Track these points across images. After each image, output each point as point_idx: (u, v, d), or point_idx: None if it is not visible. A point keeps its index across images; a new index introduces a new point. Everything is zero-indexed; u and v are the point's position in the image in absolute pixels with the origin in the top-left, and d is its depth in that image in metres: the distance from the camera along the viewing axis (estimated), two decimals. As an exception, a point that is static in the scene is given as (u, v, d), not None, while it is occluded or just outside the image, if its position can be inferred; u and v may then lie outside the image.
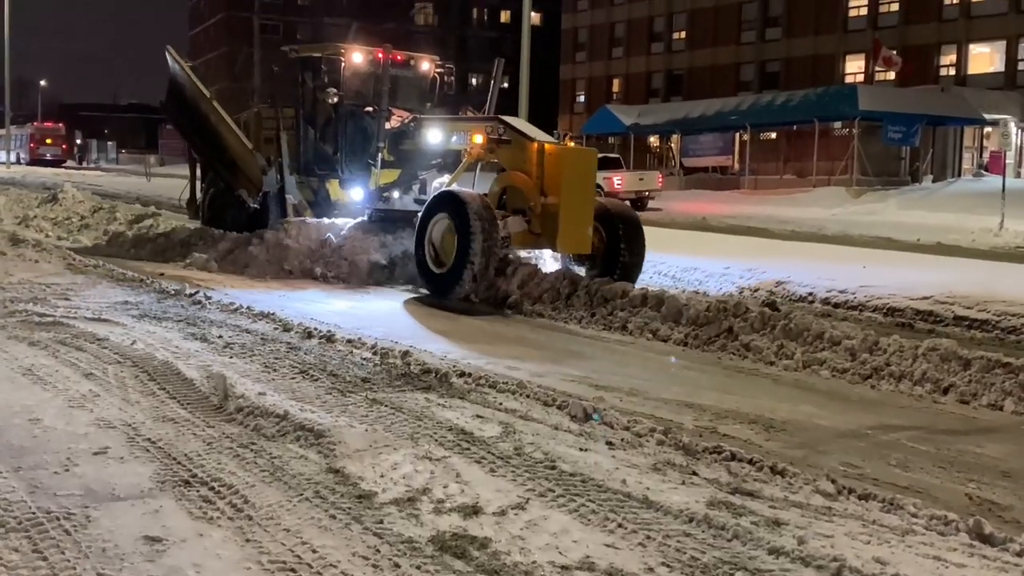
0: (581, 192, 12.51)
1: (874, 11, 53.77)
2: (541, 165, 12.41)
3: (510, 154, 12.96)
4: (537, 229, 12.53)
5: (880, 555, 4.27)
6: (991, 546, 4.48)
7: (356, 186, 15.33)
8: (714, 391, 7.79)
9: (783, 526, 4.63)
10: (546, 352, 9.20)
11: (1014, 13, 47.52)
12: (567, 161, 12.46)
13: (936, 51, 50.83)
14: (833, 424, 6.87)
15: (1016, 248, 21.25)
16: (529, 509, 4.76)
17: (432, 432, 6.02)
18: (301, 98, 15.82)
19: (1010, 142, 33.85)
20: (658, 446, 5.97)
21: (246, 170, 15.72)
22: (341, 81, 15.41)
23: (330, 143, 15.67)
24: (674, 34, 66.09)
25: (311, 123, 15.87)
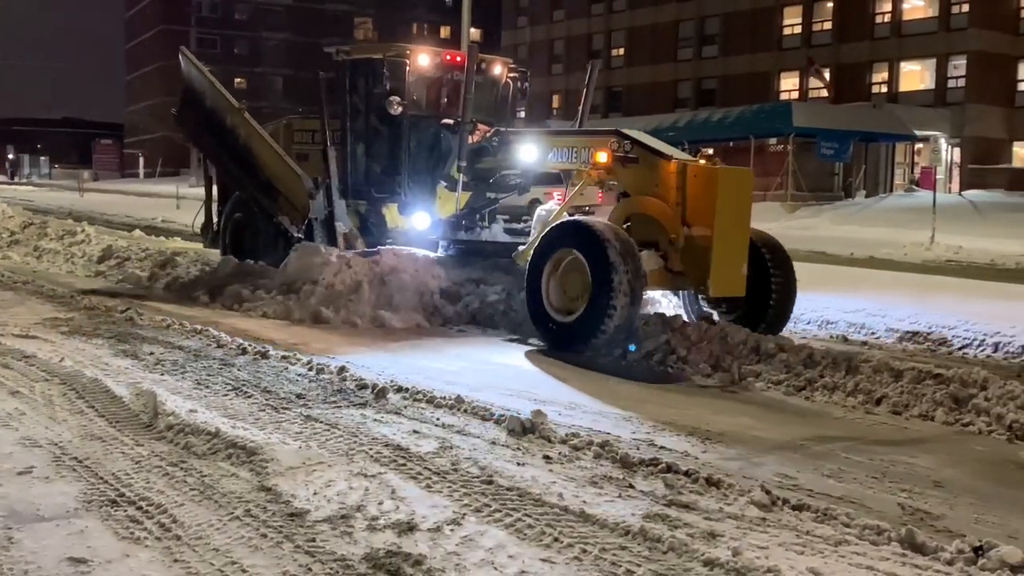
0: (737, 222, 10.12)
1: (808, 30, 54.66)
2: (682, 189, 10.09)
3: (637, 175, 10.61)
4: (677, 266, 10.24)
5: (814, 565, 4.28)
6: (922, 555, 4.51)
7: (420, 211, 13.00)
8: (652, 404, 7.80)
9: (718, 537, 4.64)
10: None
11: (944, 32, 48.60)
12: (722, 185, 9.97)
13: (868, 69, 51.79)
14: (769, 435, 6.91)
15: (947, 262, 21.66)
16: (465, 525, 4.71)
17: (367, 448, 5.95)
18: (349, 108, 13.40)
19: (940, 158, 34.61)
20: (595, 459, 5.96)
21: (288, 194, 13.38)
22: (405, 88, 13.00)
23: (388, 161, 13.27)
24: (613, 51, 66.56)
25: (362, 137, 13.50)
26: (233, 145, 13.96)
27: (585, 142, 11.34)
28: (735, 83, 56.52)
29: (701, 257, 9.96)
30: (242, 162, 13.91)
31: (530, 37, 72.95)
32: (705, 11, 60.03)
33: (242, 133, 13.86)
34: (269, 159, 13.60)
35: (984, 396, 7.58)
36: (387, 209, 13.34)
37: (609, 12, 66.82)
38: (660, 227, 10.26)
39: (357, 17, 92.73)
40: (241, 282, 12.63)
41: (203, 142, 15.21)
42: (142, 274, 14.49)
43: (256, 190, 13.84)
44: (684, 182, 10.08)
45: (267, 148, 13.64)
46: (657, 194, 10.32)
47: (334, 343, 9.88)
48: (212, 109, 14.24)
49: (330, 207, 12.98)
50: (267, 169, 13.59)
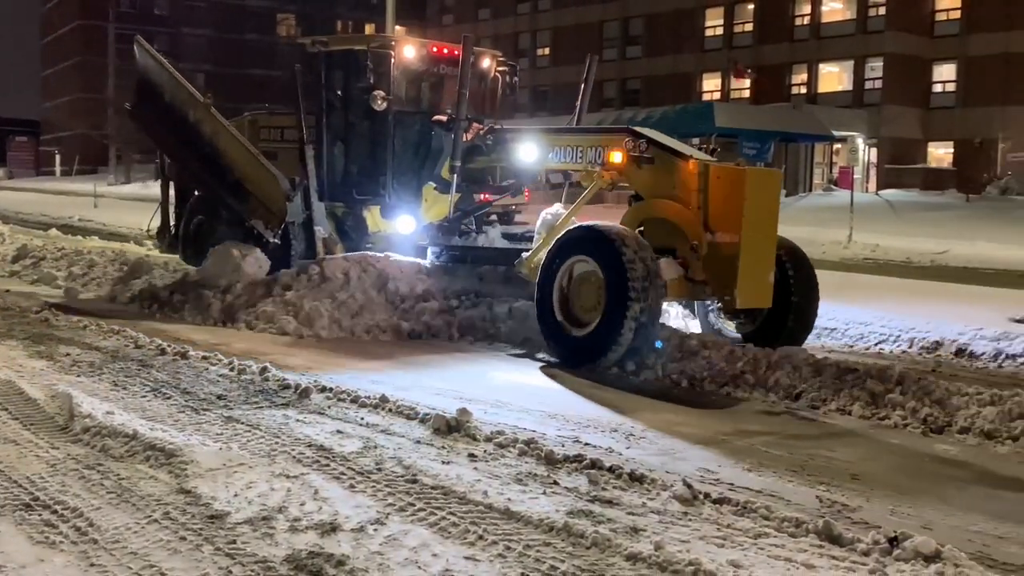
0: (765, 228, 9.37)
1: (729, 31, 55.40)
2: (704, 192, 9.35)
3: (652, 177, 9.87)
4: (698, 275, 9.46)
5: (734, 558, 4.34)
6: (839, 546, 4.60)
7: (405, 215, 12.29)
8: (578, 401, 7.83)
9: (641, 532, 4.68)
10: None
11: (861, 34, 49.61)
12: (750, 187, 9.19)
13: (788, 70, 52.66)
14: (691, 431, 6.98)
15: (864, 259, 22.13)
16: (389, 524, 4.69)
17: (290, 449, 5.89)
18: (326, 103, 12.56)
19: (858, 158, 35.37)
20: (520, 457, 5.97)
21: (261, 196, 12.31)
22: (390, 81, 12.12)
23: (371, 160, 12.43)
24: (538, 51, 66.78)
25: (340, 135, 12.63)
26: (197, 143, 12.89)
27: (594, 141, 10.56)
28: (659, 83, 57.08)
29: (725, 265, 9.19)
30: (208, 161, 12.83)
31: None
32: (629, 12, 60.54)
33: (207, 130, 12.80)
34: (239, 158, 12.59)
35: (900, 391, 7.76)
36: (368, 212, 12.54)
37: (535, 12, 67.05)
38: (679, 233, 9.47)
39: (279, 13, 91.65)
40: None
41: (162, 139, 14.13)
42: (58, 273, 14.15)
43: (225, 192, 12.77)
44: (706, 184, 9.33)
45: (236, 146, 12.64)
46: (675, 197, 9.58)
47: (256, 343, 9.75)
48: (172, 103, 13.13)
49: (308, 210, 12.06)
50: (237, 169, 12.57)
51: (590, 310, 9.23)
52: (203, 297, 11.25)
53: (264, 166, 12.27)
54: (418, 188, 12.24)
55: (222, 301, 11.04)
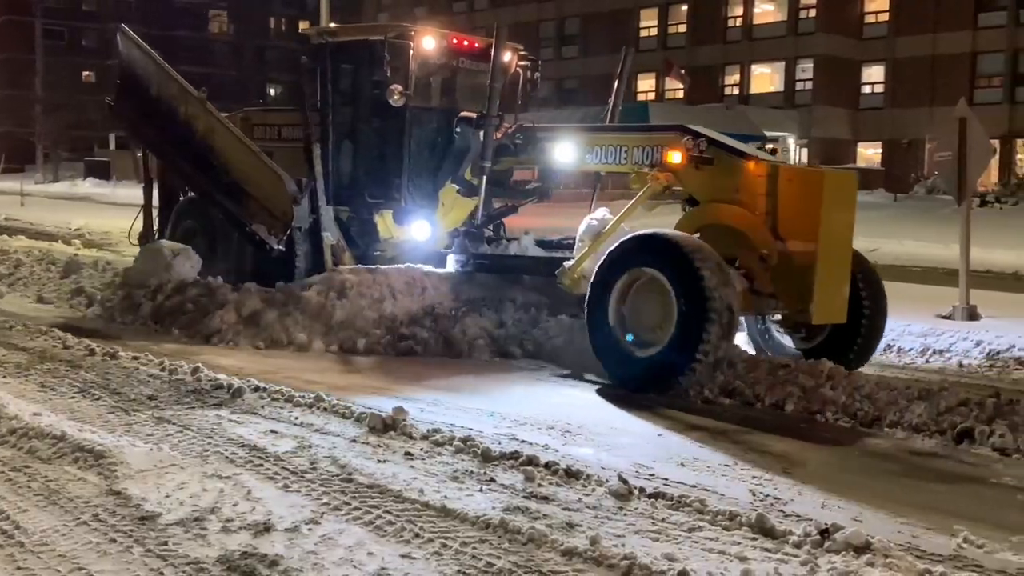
0: (841, 236, 8.60)
1: (663, 32, 55.88)
2: (773, 196, 8.58)
3: (711, 179, 9.03)
4: (766, 288, 8.61)
5: (669, 551, 4.38)
6: (772, 539, 4.66)
7: (421, 220, 11.35)
8: (515, 399, 7.83)
9: (576, 528, 4.70)
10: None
11: (792, 36, 50.35)
12: (828, 191, 8.44)
13: (721, 71, 53.29)
14: (627, 428, 7.03)
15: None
16: (324, 524, 4.65)
17: (222, 449, 5.82)
18: (332, 98, 11.49)
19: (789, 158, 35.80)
20: (457, 454, 5.96)
21: (263, 198, 11.16)
22: (408, 75, 11.01)
23: (385, 160, 11.41)
24: (474, 49, 66.73)
25: (348, 133, 11.59)
26: (188, 141, 11.74)
27: (644, 140, 9.67)
28: (595, 83, 57.28)
29: (799, 277, 8.38)
30: (201, 161, 11.65)
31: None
32: (564, 12, 60.77)
33: (200, 126, 11.68)
34: (237, 157, 11.41)
35: (831, 386, 7.88)
36: (380, 217, 11.56)
37: (471, 10, 66.98)
38: (743, 241, 8.63)
39: (212, 10, 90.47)
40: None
41: (148, 137, 12.81)
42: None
43: (221, 194, 11.55)
44: (775, 188, 8.55)
45: (235, 144, 11.48)
46: (737, 201, 8.77)
47: (187, 342, 9.62)
48: (159, 98, 12.03)
49: (315, 214, 11.02)
50: (235, 169, 11.38)
51: (654, 328, 8.32)
52: (132, 297, 11.04)
53: (268, 166, 11.15)
54: (434, 191, 11.33)
55: (153, 301, 10.85)
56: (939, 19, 46.28)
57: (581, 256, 9.43)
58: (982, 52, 46.18)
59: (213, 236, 12.13)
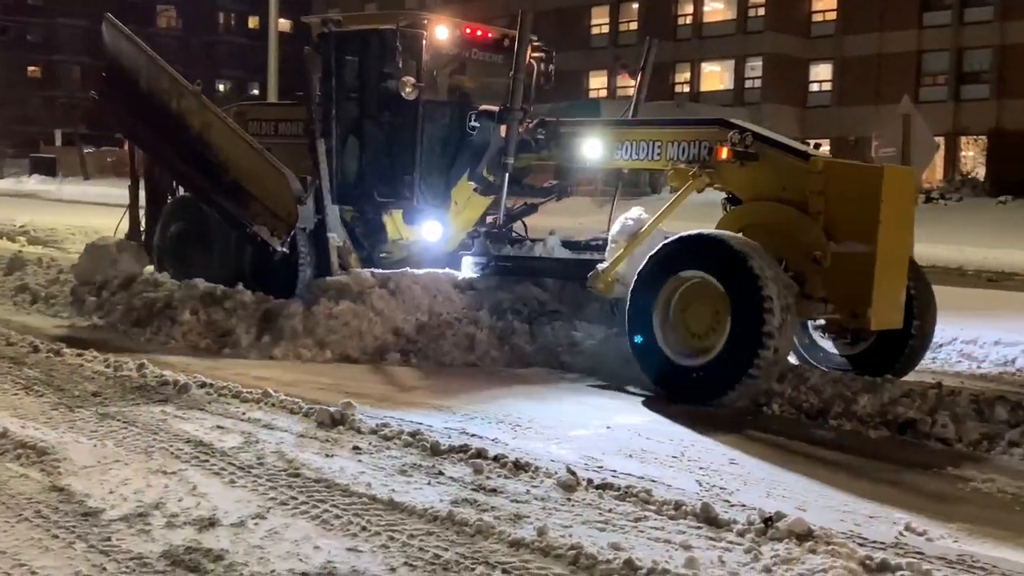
0: (901, 237, 8.14)
1: (615, 30, 56.12)
2: (826, 194, 8.01)
3: (756, 176, 8.49)
4: (817, 292, 7.99)
5: (615, 541, 4.41)
6: (717, 527, 4.71)
7: (432, 220, 10.77)
8: (465, 394, 7.83)
9: (524, 519, 4.71)
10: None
11: (742, 34, 50.80)
12: (888, 189, 7.88)
13: (672, 69, 53.56)
14: (577, 421, 7.04)
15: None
16: (270, 518, 4.63)
17: (167, 445, 5.76)
18: (337, 91, 10.82)
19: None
20: (405, 448, 5.95)
21: (265, 198, 10.49)
22: (421, 66, 10.43)
23: (395, 157, 10.74)
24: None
25: (354, 128, 10.91)
26: (183, 137, 11.07)
27: (681, 135, 9.16)
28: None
29: (855, 280, 7.85)
30: (197, 158, 10.98)
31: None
32: (513, 9, 60.69)
33: (195, 122, 11.00)
34: (236, 154, 10.71)
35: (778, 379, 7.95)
36: (388, 217, 10.89)
37: (421, 7, 66.81)
38: (793, 242, 8.06)
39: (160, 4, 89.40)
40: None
41: (137, 133, 12.08)
42: None
43: (218, 194, 10.85)
44: (827, 185, 8.00)
45: (233, 140, 10.79)
46: (785, 199, 8.25)
47: (134, 341, 9.50)
48: (150, 91, 11.35)
49: (321, 214, 10.34)
50: (234, 167, 10.71)
51: (701, 336, 7.90)
52: (77, 293, 10.90)
53: (270, 164, 10.43)
54: (446, 190, 10.74)
55: (98, 298, 10.71)
56: (885, 18, 46.89)
57: (616, 258, 8.85)
58: (927, 51, 46.87)
59: (208, 238, 11.35)
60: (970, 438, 6.78)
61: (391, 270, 10.01)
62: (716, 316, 7.78)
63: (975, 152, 46.64)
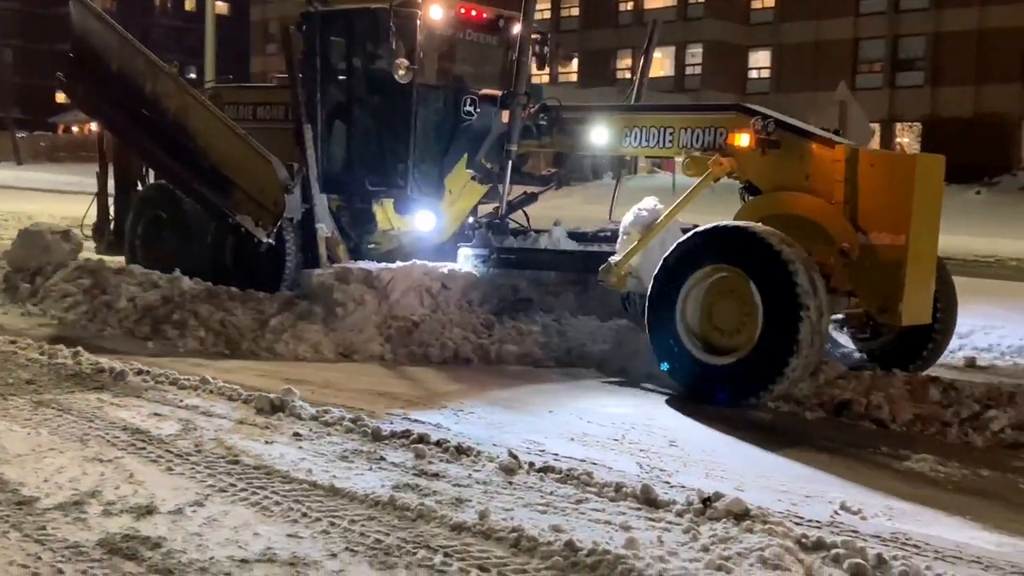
0: (930, 227, 7.82)
1: (556, 16, 56.13)
2: (853, 182, 7.72)
3: (777, 165, 8.13)
4: (843, 285, 7.71)
5: (556, 523, 4.43)
6: (656, 508, 4.76)
7: (425, 210, 10.33)
8: (408, 381, 7.80)
9: (466, 503, 4.72)
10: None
11: (682, 21, 51.05)
12: (921, 177, 7.61)
13: (614, 55, 53.77)
14: (520, 406, 7.07)
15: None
16: (208, 505, 4.59)
17: (103, 433, 5.68)
18: (322, 74, 10.34)
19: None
20: (347, 434, 5.93)
21: (248, 186, 9.97)
22: (415, 48, 9.94)
23: (387, 143, 10.30)
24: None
25: (343, 113, 10.45)
26: (158, 121, 10.57)
27: (696, 121, 8.80)
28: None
29: (884, 273, 7.55)
30: (174, 144, 10.46)
31: (280, 12, 71.15)
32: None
33: (171, 105, 10.50)
34: (217, 139, 10.22)
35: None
36: (379, 207, 10.46)
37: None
38: (819, 233, 7.73)
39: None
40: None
41: (108, 117, 11.51)
42: None
43: (197, 182, 10.33)
44: (855, 173, 7.70)
45: (213, 124, 10.27)
46: (808, 188, 7.94)
47: (69, 328, 9.34)
48: (122, 73, 10.81)
49: (308, 204, 9.85)
50: (215, 153, 10.21)
51: (730, 333, 7.51)
52: (10, 280, 10.68)
53: (254, 150, 9.91)
54: (440, 178, 10.27)
55: (31, 284, 10.50)
56: (822, 5, 47.43)
57: (630, 250, 8.42)
58: (863, 38, 47.50)
59: (186, 228, 10.90)
60: (904, 419, 6.90)
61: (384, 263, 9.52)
62: (745, 312, 7.39)
63: (910, 138, 47.38)
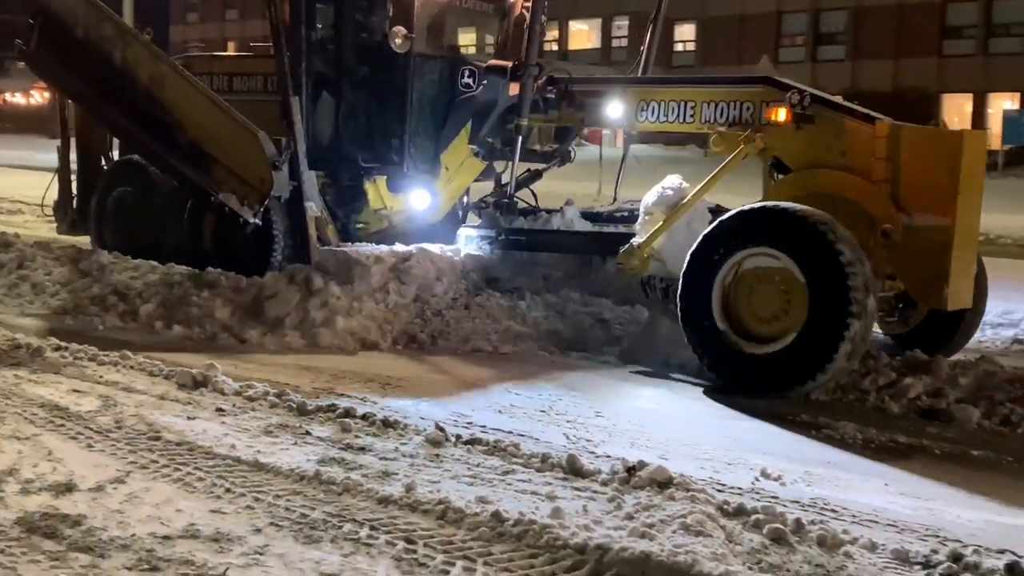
0: (974, 207, 7.42)
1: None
2: (894, 160, 7.32)
3: (811, 141, 7.71)
4: (884, 269, 7.33)
5: (483, 494, 4.45)
6: (582, 478, 4.80)
7: (420, 188, 9.76)
8: (334, 356, 7.73)
9: (392, 476, 4.71)
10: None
11: (609, -7, 51.18)
12: (967, 155, 7.20)
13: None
14: (447, 379, 7.08)
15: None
16: (130, 482, 4.53)
17: (21, 410, 5.57)
18: (309, 41, 9.56)
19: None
20: (271, 409, 5.88)
21: (231, 162, 9.27)
22: (412, 15, 9.35)
23: (382, 117, 9.66)
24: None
25: (329, 85, 9.73)
26: (130, 93, 9.79)
27: (720, 95, 8.37)
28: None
29: (929, 256, 7.16)
30: (148, 117, 9.73)
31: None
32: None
33: (143, 74, 9.72)
34: (196, 112, 9.51)
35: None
36: (371, 184, 9.81)
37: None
38: (857, 213, 7.27)
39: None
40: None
41: (74, 88, 10.64)
42: None
43: (174, 156, 9.63)
44: (896, 151, 7.32)
45: (192, 95, 9.55)
46: (844, 166, 7.52)
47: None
48: (87, 40, 10.02)
49: (297, 181, 9.08)
50: (193, 126, 9.49)
51: (769, 320, 7.09)
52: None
53: (238, 123, 9.18)
54: (436, 154, 9.77)
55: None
56: (747, -22, 47.83)
57: (654, 232, 7.96)
58: (786, 12, 48.01)
59: (160, 207, 10.24)
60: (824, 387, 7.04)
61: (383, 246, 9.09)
62: (787, 298, 6.97)
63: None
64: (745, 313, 7.18)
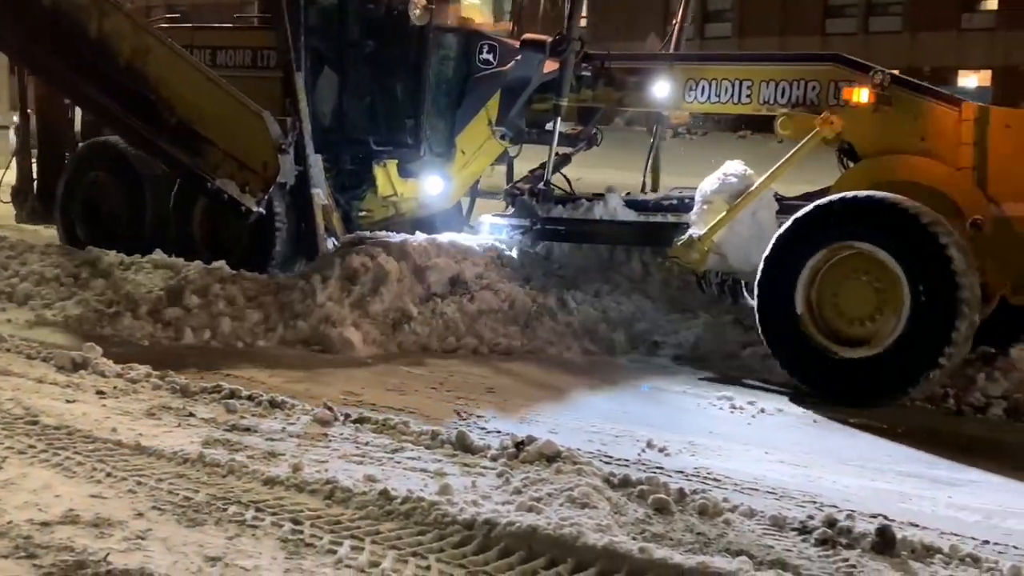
0: None
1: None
2: (982, 146, 6.80)
3: (887, 125, 7.15)
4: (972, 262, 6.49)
5: (371, 473, 4.43)
6: (472, 454, 4.83)
7: (434, 173, 9.04)
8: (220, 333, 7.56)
9: (279, 456, 4.66)
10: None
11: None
12: None
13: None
14: (337, 359, 6.98)
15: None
16: (6, 468, 4.37)
17: None
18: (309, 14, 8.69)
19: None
20: (154, 391, 5.76)
21: (230, 145, 8.41)
22: None
23: (396, 96, 8.96)
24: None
25: (334, 60, 8.97)
26: (107, 69, 8.81)
27: (783, 73, 7.79)
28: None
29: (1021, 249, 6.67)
30: (131, 96, 8.75)
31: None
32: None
33: (125, 48, 8.74)
34: (186, 88, 8.61)
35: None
36: (380, 169, 9.03)
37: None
38: (942, 203, 6.71)
39: None
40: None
41: (42, 64, 9.51)
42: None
43: (163, 139, 8.70)
44: (984, 135, 6.80)
45: (182, 70, 8.67)
46: (925, 151, 7.02)
47: None
48: (58, 10, 9.00)
49: (302, 166, 8.35)
50: (183, 105, 8.58)
51: (862, 321, 6.57)
52: None
53: (238, 101, 8.36)
54: (451, 136, 9.06)
55: None
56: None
57: (717, 222, 7.38)
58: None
59: (140, 194, 9.37)
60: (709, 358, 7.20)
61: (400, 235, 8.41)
62: (884, 297, 6.47)
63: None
64: (831, 312, 6.67)
